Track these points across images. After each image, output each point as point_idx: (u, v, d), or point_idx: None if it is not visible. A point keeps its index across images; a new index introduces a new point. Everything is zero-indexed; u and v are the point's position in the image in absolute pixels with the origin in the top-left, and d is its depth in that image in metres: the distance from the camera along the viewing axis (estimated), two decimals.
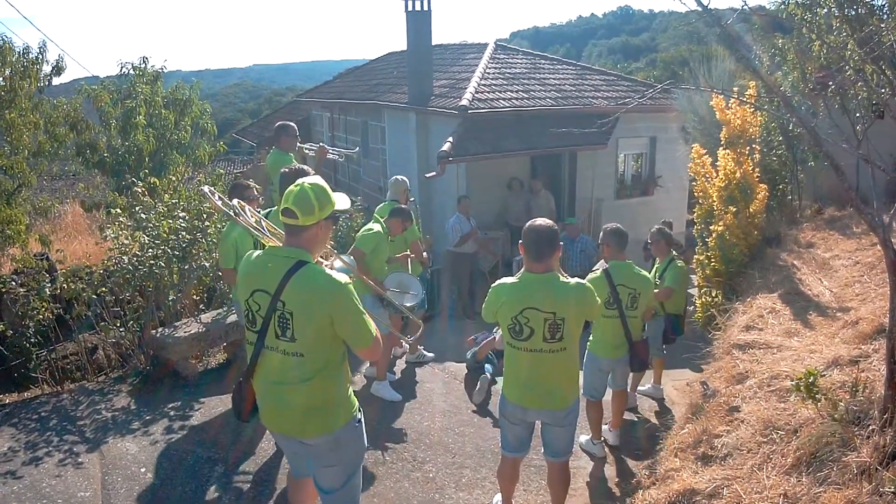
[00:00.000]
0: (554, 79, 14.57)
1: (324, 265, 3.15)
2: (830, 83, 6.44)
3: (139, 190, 7.36)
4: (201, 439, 5.30)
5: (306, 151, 7.02)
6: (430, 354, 7.35)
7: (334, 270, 3.13)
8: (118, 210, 7.55)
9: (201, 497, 4.55)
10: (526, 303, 3.67)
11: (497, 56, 15.48)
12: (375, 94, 16.32)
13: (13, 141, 10.12)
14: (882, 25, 4.23)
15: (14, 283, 6.54)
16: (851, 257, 6.43)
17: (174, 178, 10.72)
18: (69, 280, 6.68)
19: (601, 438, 5.46)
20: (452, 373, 7.01)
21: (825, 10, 5.45)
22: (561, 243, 3.84)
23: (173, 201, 7.22)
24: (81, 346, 6.75)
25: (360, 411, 3.26)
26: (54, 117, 11.77)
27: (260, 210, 4.87)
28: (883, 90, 4.32)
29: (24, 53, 10.44)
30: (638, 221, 13.75)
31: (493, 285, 3.90)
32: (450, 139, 11.51)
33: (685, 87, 10.10)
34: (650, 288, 5.32)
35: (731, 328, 5.62)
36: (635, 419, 6.21)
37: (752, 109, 7.21)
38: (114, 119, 13.60)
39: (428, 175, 11.46)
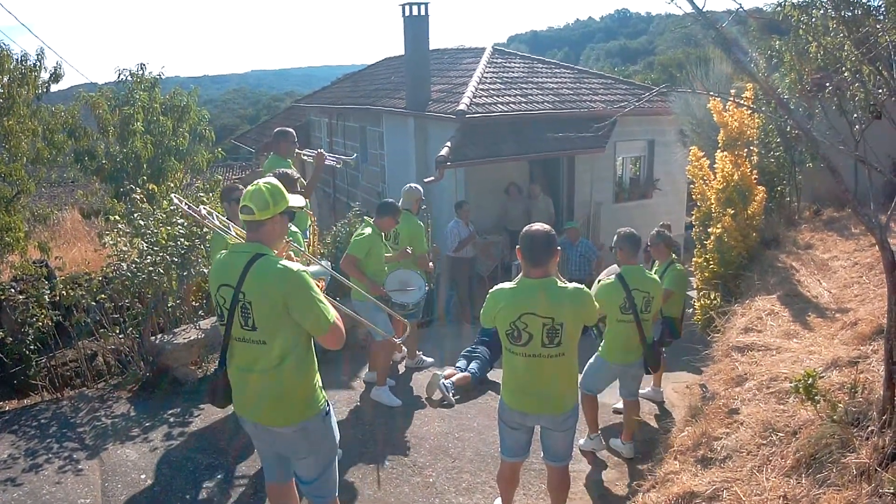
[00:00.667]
0: (552, 83, 14.60)
1: (295, 261, 3.36)
2: (827, 85, 6.45)
3: (137, 196, 7.36)
4: (201, 445, 5.29)
5: (304, 157, 7.02)
6: (430, 359, 7.34)
7: (299, 264, 3.33)
8: (117, 217, 7.56)
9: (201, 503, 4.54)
10: (524, 308, 3.67)
11: (495, 60, 15.50)
12: (373, 100, 16.34)
13: (11, 148, 10.14)
14: (878, 26, 4.24)
15: (13, 290, 6.53)
16: (850, 258, 6.44)
17: (172, 185, 10.75)
18: (68, 287, 6.68)
19: (598, 431, 5.45)
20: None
21: (821, 12, 5.45)
22: (559, 248, 3.84)
23: (172, 208, 7.21)
24: (81, 353, 6.74)
25: (329, 405, 3.41)
26: (52, 124, 11.79)
27: None
28: (880, 91, 4.33)
29: (23, 60, 10.47)
30: (636, 225, 13.65)
31: (491, 291, 3.90)
32: (448, 144, 11.52)
33: (682, 91, 10.12)
34: (661, 291, 5.34)
35: (730, 330, 5.62)
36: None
37: (750, 112, 7.22)
38: (112, 126, 13.63)
39: (426, 180, 11.46)
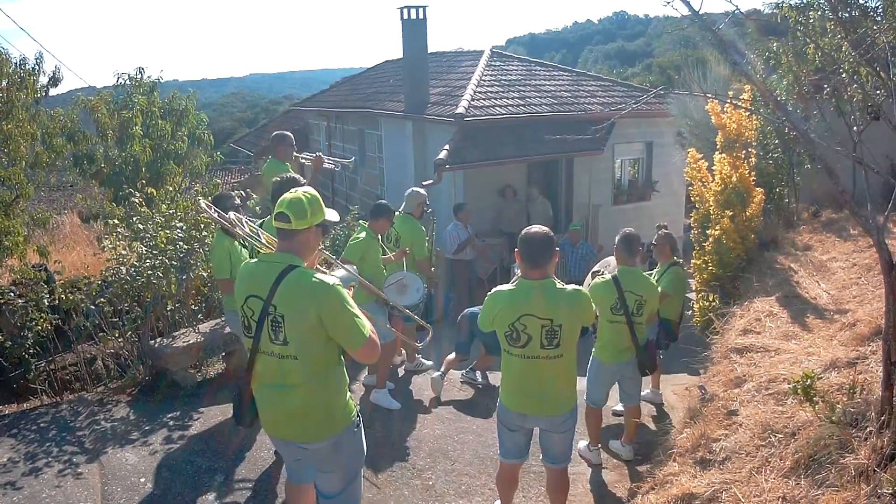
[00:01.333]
0: (550, 85, 14.63)
1: (325, 272, 3.22)
2: (825, 86, 6.46)
3: (136, 200, 7.36)
4: (200, 449, 5.29)
5: (303, 161, 7.02)
6: (429, 362, 7.34)
7: (331, 276, 3.19)
8: (116, 220, 7.56)
9: None
10: (523, 310, 3.67)
11: (493, 63, 15.52)
12: (372, 103, 16.35)
13: (10, 152, 10.13)
14: (876, 27, 4.25)
15: (12, 294, 6.53)
16: (848, 259, 6.44)
17: (171, 189, 10.73)
18: (67, 291, 6.68)
19: (598, 445, 5.45)
20: (450, 380, 7.00)
21: (819, 13, 5.46)
22: (557, 248, 3.85)
23: (171, 211, 7.22)
24: (80, 357, 6.74)
25: (359, 416, 3.30)
26: (51, 128, 11.77)
27: (254, 220, 4.88)
28: (878, 92, 4.33)
29: (21, 64, 10.46)
30: (635, 227, 13.74)
31: (490, 293, 3.90)
32: (446, 147, 11.54)
33: (680, 93, 10.13)
34: (656, 294, 5.33)
35: (729, 332, 5.62)
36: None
37: (748, 113, 7.23)
38: (110, 129, 13.64)
39: (425, 183, 11.45)
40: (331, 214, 3.23)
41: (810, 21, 5.69)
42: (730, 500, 3.32)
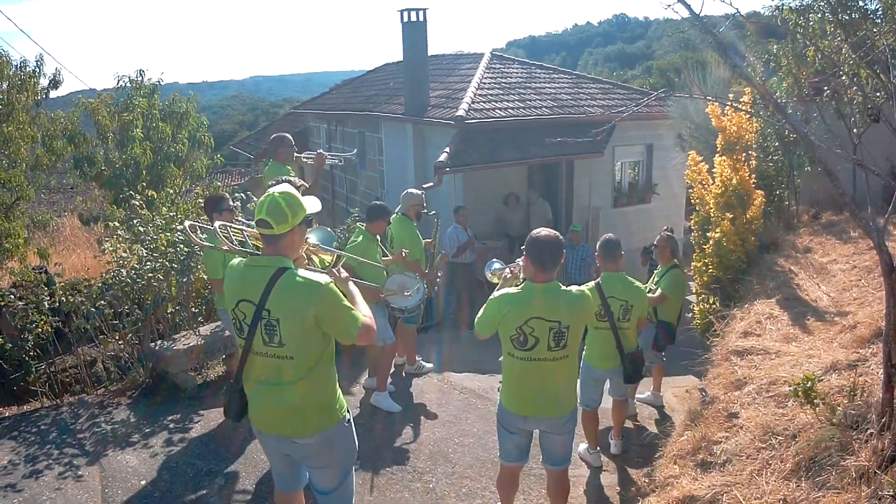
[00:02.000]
0: (550, 88, 14.63)
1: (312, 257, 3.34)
2: (825, 88, 6.46)
3: (137, 203, 7.37)
4: (201, 451, 5.29)
5: (304, 161, 7.02)
6: (430, 365, 7.33)
7: (313, 243, 3.38)
8: (116, 223, 7.57)
9: None
10: (531, 313, 3.67)
11: (493, 66, 15.53)
12: (372, 105, 16.36)
13: (11, 154, 10.15)
14: (876, 30, 4.26)
15: (13, 297, 6.54)
16: (849, 261, 6.44)
17: (172, 191, 10.75)
18: (68, 293, 6.69)
19: (597, 448, 5.45)
20: (451, 383, 7.00)
21: (819, 16, 5.47)
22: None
23: (171, 214, 7.23)
24: (80, 359, 6.75)
25: (349, 412, 3.34)
26: (52, 130, 11.81)
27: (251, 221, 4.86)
28: (878, 94, 4.34)
29: (22, 67, 10.48)
30: (635, 229, 13.81)
31: (493, 297, 3.89)
32: (447, 149, 11.54)
33: (680, 95, 10.13)
34: (643, 299, 5.32)
35: (730, 334, 5.62)
36: (631, 426, 6.20)
37: (748, 116, 7.23)
38: (111, 132, 13.67)
39: (425, 186, 11.45)
40: (311, 206, 3.23)
41: (810, 23, 5.70)
42: (730, 503, 3.31)
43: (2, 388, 6.69)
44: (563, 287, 3.77)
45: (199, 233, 3.86)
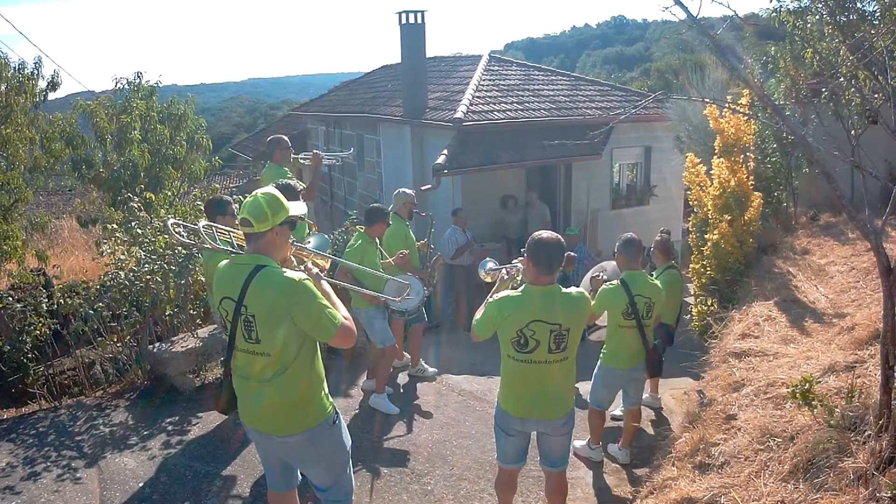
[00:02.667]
0: (548, 90, 14.63)
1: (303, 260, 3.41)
2: (823, 90, 6.47)
3: (135, 205, 7.36)
4: (199, 454, 5.29)
5: (301, 162, 7.02)
6: (433, 370, 7.26)
7: (307, 247, 3.44)
8: (114, 225, 7.56)
9: None
10: (532, 315, 3.68)
11: (491, 68, 15.53)
12: (370, 108, 16.35)
13: (9, 156, 10.16)
14: (873, 31, 4.26)
15: (11, 299, 6.53)
16: (847, 263, 6.45)
17: (170, 193, 10.74)
18: (66, 295, 6.68)
19: (599, 443, 5.45)
20: (450, 385, 7.00)
21: (817, 18, 5.47)
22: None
23: (169, 216, 7.21)
24: (79, 362, 6.74)
25: (338, 413, 3.37)
26: (50, 132, 11.80)
27: None
28: (875, 96, 4.35)
29: (20, 69, 10.48)
30: (633, 231, 13.76)
31: (493, 300, 3.87)
32: (445, 152, 11.54)
33: (678, 97, 10.14)
34: (662, 296, 5.35)
35: (728, 336, 5.63)
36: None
37: (746, 118, 7.24)
38: (109, 134, 13.64)
39: (423, 188, 11.48)
40: (296, 209, 3.29)
41: (808, 25, 5.71)
42: None
43: (0, 391, 6.68)
44: (564, 289, 3.78)
45: (182, 230, 3.95)
